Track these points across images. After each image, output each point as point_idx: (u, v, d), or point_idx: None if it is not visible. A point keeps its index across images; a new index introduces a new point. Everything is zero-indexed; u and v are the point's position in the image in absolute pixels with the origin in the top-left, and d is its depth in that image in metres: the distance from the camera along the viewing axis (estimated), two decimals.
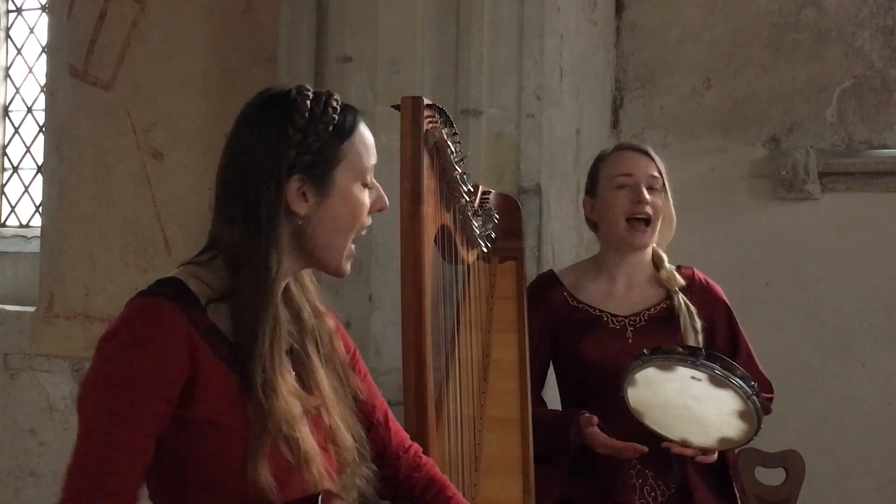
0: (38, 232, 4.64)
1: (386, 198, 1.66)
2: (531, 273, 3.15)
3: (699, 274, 2.63)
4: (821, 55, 3.64)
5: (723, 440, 2.35)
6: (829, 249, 3.59)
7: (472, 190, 2.23)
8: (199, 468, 1.48)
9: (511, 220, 2.71)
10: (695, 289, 2.58)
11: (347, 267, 1.63)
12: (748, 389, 2.25)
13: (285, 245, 1.55)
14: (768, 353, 2.68)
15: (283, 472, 1.49)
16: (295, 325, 1.63)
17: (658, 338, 2.47)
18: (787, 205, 3.65)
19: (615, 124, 3.88)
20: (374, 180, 1.64)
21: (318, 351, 1.64)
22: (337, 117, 1.57)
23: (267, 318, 1.51)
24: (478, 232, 2.35)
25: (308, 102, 1.56)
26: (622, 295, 2.57)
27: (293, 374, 1.59)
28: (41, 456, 4.33)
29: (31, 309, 4.49)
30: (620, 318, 2.54)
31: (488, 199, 2.52)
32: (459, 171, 2.07)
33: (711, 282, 2.64)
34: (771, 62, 3.69)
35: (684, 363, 2.26)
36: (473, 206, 2.31)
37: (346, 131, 1.58)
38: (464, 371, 2.31)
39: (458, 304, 2.46)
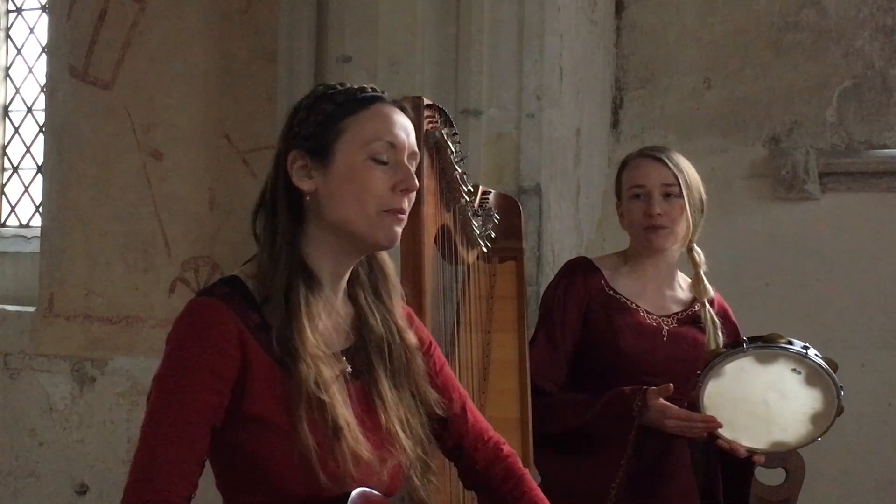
0: (38, 232, 4.64)
1: (415, 179, 1.61)
2: (531, 273, 3.15)
3: (718, 296, 2.62)
4: (821, 55, 3.64)
5: (776, 443, 2.34)
6: (829, 249, 3.59)
7: (472, 190, 2.23)
8: (251, 461, 1.53)
9: (511, 220, 2.70)
10: (714, 308, 2.57)
11: (384, 235, 1.59)
12: (839, 389, 2.28)
13: (313, 226, 1.59)
14: None
15: (321, 444, 1.51)
16: (356, 328, 1.65)
17: (689, 342, 2.48)
18: (787, 205, 3.65)
19: (615, 124, 3.88)
20: (401, 160, 1.60)
21: (386, 365, 1.64)
22: (345, 96, 1.60)
23: (280, 285, 1.55)
24: (478, 232, 2.35)
25: (322, 87, 1.62)
26: (653, 295, 2.56)
27: (347, 365, 1.60)
28: (41, 456, 4.33)
29: (31, 309, 4.49)
30: (655, 316, 2.53)
31: (488, 199, 2.52)
32: (459, 171, 2.08)
33: (727, 307, 2.63)
34: (771, 62, 3.69)
35: (789, 354, 2.28)
36: (473, 206, 2.32)
37: (355, 105, 1.59)
38: (464, 371, 2.31)
39: (458, 304, 2.46)
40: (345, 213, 1.58)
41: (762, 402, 2.31)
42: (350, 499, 1.49)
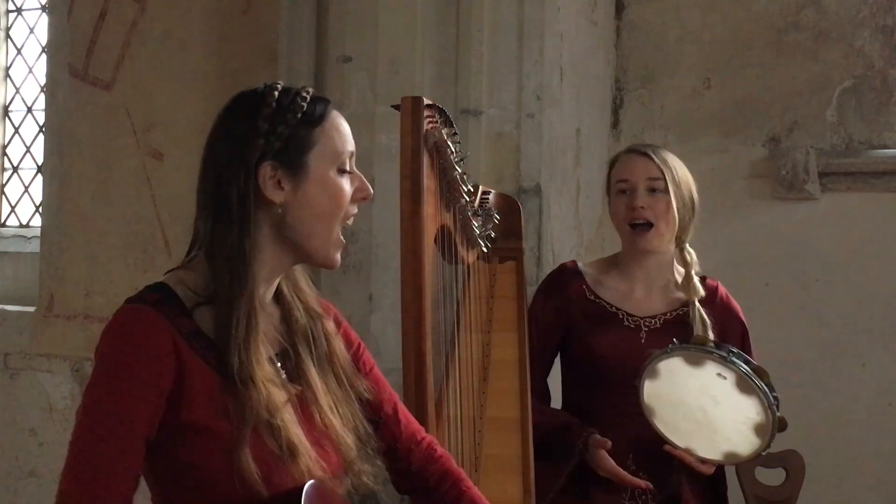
0: (38, 232, 4.64)
1: (370, 187, 1.64)
2: (531, 273, 3.15)
3: (723, 290, 2.60)
4: (821, 55, 3.64)
5: (728, 454, 2.32)
6: (829, 249, 3.59)
7: (472, 190, 2.23)
8: (190, 471, 1.50)
9: (511, 220, 2.70)
10: (715, 304, 2.55)
11: (337, 257, 1.61)
12: (771, 398, 2.22)
13: (265, 236, 1.56)
14: (768, 354, 2.68)
15: (269, 464, 1.50)
16: (285, 326, 1.63)
17: (671, 342, 2.45)
18: (787, 205, 3.65)
19: (615, 124, 3.88)
20: (355, 168, 1.63)
21: (311, 352, 1.63)
22: (306, 105, 1.57)
23: (241, 306, 1.51)
24: (478, 232, 2.35)
25: (276, 94, 1.57)
26: (641, 297, 2.55)
27: (281, 371, 1.59)
28: (41, 456, 4.33)
29: (31, 309, 4.49)
30: (636, 318, 2.51)
31: (488, 199, 2.52)
32: (459, 171, 2.07)
33: (733, 300, 2.61)
34: (771, 62, 3.69)
35: (714, 358, 2.24)
36: (473, 206, 2.31)
37: (316, 118, 1.58)
38: (464, 371, 2.31)
39: (458, 304, 2.46)
40: (313, 228, 1.57)
41: (699, 409, 2.29)
42: (304, 491, 1.47)
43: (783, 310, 3.58)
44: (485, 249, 2.42)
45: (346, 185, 1.60)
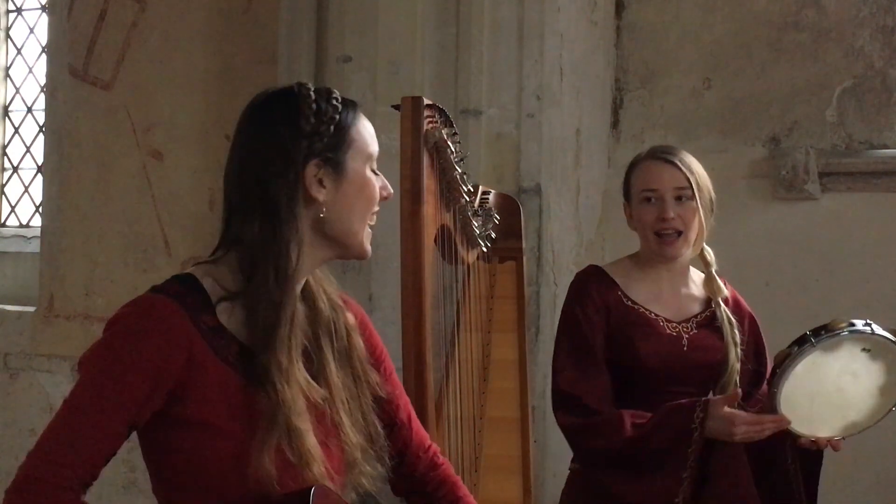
0: (38, 232, 4.65)
1: (390, 186, 1.68)
2: (531, 273, 3.15)
3: (729, 286, 2.59)
4: (821, 55, 3.64)
5: (849, 426, 2.34)
6: (829, 249, 3.59)
7: (472, 190, 2.23)
8: (194, 467, 1.51)
9: (511, 220, 2.70)
10: (728, 300, 2.55)
11: (369, 247, 1.65)
12: None
13: (306, 235, 1.58)
14: (769, 353, 2.69)
15: (284, 469, 1.50)
16: (309, 319, 1.64)
17: (709, 348, 2.45)
18: (787, 205, 3.65)
19: (615, 124, 3.88)
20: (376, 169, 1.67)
21: (332, 345, 1.65)
22: (340, 107, 1.61)
23: (287, 310, 1.53)
24: (478, 232, 2.35)
25: (312, 94, 1.60)
26: (670, 298, 2.52)
27: (304, 371, 1.60)
28: None
29: (31, 309, 4.49)
30: (674, 324, 2.49)
31: (488, 199, 2.52)
32: (459, 171, 2.08)
33: (738, 295, 2.60)
34: (771, 62, 3.69)
35: (855, 336, 2.24)
36: (473, 206, 2.32)
37: (350, 119, 1.62)
38: (464, 371, 2.31)
39: (458, 305, 2.46)
40: (351, 225, 1.61)
41: (836, 390, 2.29)
42: (312, 493, 1.48)
43: (783, 310, 3.58)
44: (485, 249, 2.42)
45: (376, 184, 1.64)
